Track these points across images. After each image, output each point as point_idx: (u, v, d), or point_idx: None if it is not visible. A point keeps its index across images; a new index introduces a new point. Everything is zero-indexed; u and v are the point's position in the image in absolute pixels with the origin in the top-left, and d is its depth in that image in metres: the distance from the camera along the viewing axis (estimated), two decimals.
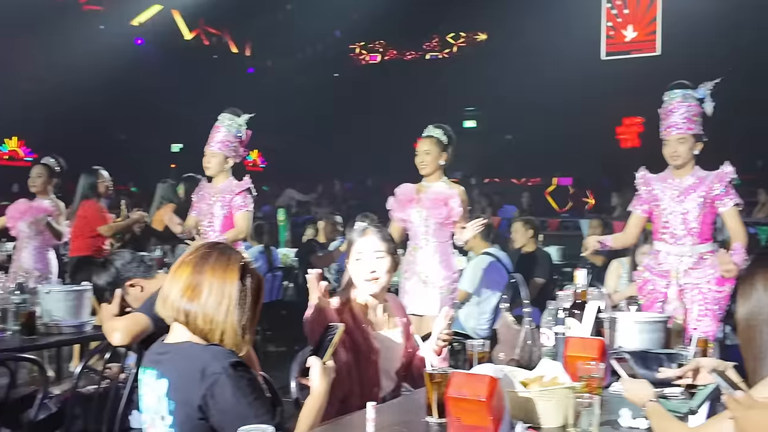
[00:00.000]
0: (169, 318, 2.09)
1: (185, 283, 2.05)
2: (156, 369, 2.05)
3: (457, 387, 2.00)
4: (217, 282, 2.04)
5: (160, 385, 2.01)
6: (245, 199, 5.07)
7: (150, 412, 2.07)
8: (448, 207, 4.66)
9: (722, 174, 4.07)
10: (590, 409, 1.90)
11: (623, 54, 15.22)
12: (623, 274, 5.63)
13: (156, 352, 2.10)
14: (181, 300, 2.04)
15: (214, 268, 2.05)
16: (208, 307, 2.02)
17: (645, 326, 2.87)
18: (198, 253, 2.10)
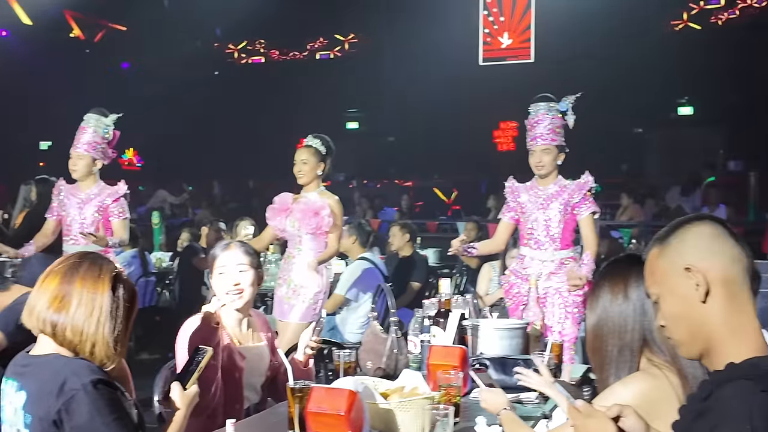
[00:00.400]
0: (35, 329, 2.01)
1: (53, 294, 1.97)
2: (17, 380, 1.98)
3: (317, 401, 2.03)
4: (88, 293, 1.97)
5: (19, 398, 1.95)
6: (122, 206, 4.96)
7: (8, 424, 2.01)
8: (319, 217, 4.70)
9: (582, 183, 4.29)
10: (445, 420, 1.97)
11: (499, 60, 15.72)
12: (494, 278, 5.83)
13: (19, 364, 2.02)
14: (48, 311, 1.97)
15: (84, 278, 1.99)
16: (77, 318, 1.96)
17: (505, 333, 2.98)
18: (68, 262, 2.03)
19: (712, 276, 1.50)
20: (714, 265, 1.51)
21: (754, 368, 1.42)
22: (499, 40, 15.72)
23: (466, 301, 3.20)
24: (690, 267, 1.51)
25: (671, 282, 1.55)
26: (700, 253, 1.52)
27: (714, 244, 1.53)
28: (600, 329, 2.02)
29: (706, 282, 1.50)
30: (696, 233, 1.55)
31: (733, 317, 1.49)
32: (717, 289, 1.50)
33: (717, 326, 1.50)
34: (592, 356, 2.05)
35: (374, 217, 10.90)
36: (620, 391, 1.90)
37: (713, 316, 1.50)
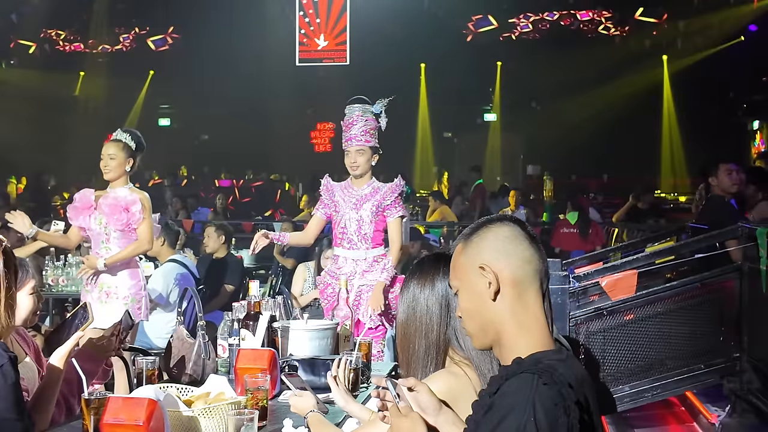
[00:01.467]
0: None
1: None
2: None
3: (113, 413, 1.93)
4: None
5: None
6: None
7: None
8: (130, 213, 4.48)
9: (394, 186, 4.42)
10: (251, 425, 1.94)
11: (315, 61, 15.81)
12: (308, 278, 5.84)
13: None
14: None
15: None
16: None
17: (315, 333, 2.99)
18: None
19: (503, 276, 1.59)
20: (507, 266, 1.60)
21: (536, 362, 1.52)
22: (315, 42, 15.79)
23: (276, 303, 3.17)
24: (484, 266, 1.60)
25: (468, 278, 1.63)
26: (496, 253, 1.61)
27: (509, 245, 1.62)
28: (408, 327, 2.08)
29: (497, 281, 1.59)
30: (495, 233, 1.63)
31: (520, 315, 1.59)
32: (507, 289, 1.59)
33: (505, 323, 1.60)
34: (401, 353, 2.11)
35: (187, 217, 10.56)
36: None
37: (502, 314, 1.59)
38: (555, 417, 1.44)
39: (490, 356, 1.95)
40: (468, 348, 1.99)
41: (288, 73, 15.71)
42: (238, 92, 15.53)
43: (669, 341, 4.13)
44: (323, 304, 4.37)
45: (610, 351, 4.06)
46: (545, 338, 1.61)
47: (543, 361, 1.53)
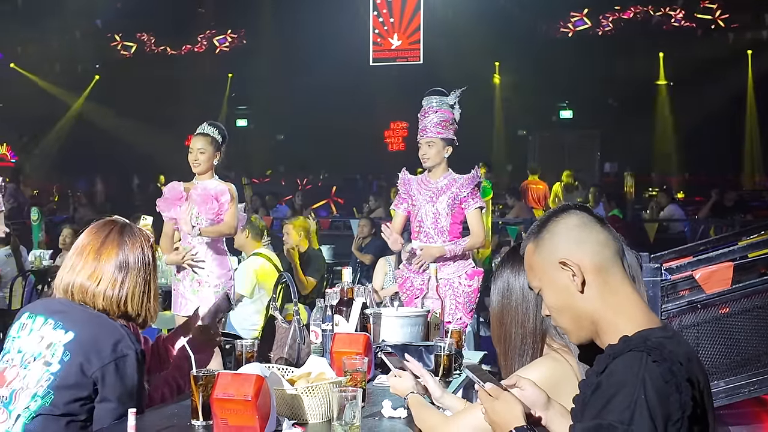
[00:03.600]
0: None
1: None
2: (54, 319, 2.15)
3: (223, 388, 1.98)
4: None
5: (58, 335, 2.12)
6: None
7: (22, 353, 2.14)
8: (219, 203, 4.61)
9: (471, 177, 4.39)
10: (354, 402, 1.96)
11: (389, 61, 15.87)
12: (389, 272, 5.87)
13: (56, 310, 2.18)
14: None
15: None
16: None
17: (406, 321, 3.01)
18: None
19: (585, 265, 1.57)
20: (585, 255, 1.58)
21: (644, 340, 1.49)
22: (389, 41, 15.86)
23: (367, 291, 3.21)
24: (564, 261, 1.58)
25: (548, 275, 1.62)
26: (571, 244, 1.59)
27: (582, 233, 1.60)
28: (503, 317, 2.06)
29: (581, 272, 1.57)
30: (565, 225, 1.62)
31: (611, 300, 1.57)
32: (591, 278, 1.57)
33: (599, 312, 1.58)
34: (497, 344, 2.10)
35: (267, 214, 10.77)
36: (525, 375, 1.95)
37: (593, 303, 1.58)
38: (666, 395, 1.42)
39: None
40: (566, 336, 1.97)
41: (362, 73, 15.83)
42: (313, 92, 15.70)
43: (766, 336, 3.99)
44: (403, 298, 4.38)
45: (705, 345, 3.95)
46: (646, 316, 1.58)
47: (650, 338, 1.50)
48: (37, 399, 2.08)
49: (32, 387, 2.10)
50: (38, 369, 2.11)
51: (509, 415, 1.63)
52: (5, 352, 2.20)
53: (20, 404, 2.09)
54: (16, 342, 2.19)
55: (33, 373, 2.11)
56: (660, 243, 8.26)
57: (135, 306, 2.24)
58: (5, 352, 2.20)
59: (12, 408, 2.10)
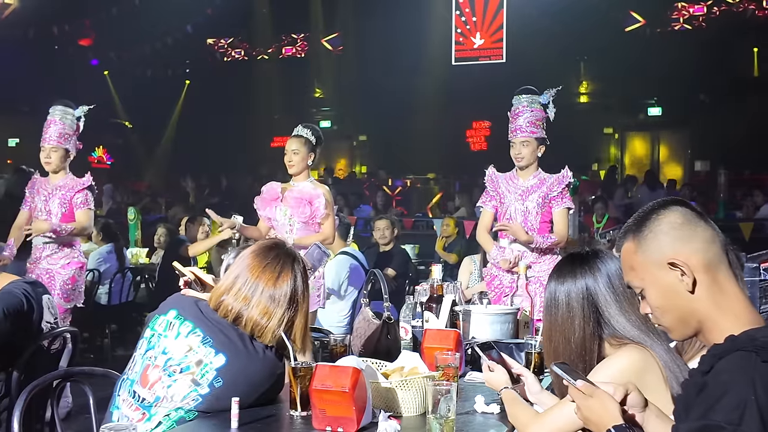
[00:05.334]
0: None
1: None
2: (203, 332, 2.13)
3: (321, 379, 2.04)
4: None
5: (207, 353, 2.10)
6: (86, 196, 4.97)
7: (167, 357, 2.12)
8: (313, 206, 4.70)
9: (561, 177, 4.36)
10: (448, 396, 1.99)
11: (471, 60, 15.80)
12: (474, 271, 5.87)
13: (205, 321, 2.15)
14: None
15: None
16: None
17: (496, 318, 3.02)
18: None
19: (693, 264, 1.54)
20: (694, 253, 1.54)
21: (752, 340, 1.45)
22: (471, 40, 15.79)
23: (456, 288, 3.23)
24: (673, 261, 1.55)
25: (653, 275, 1.58)
26: (678, 243, 1.55)
27: (687, 231, 1.56)
28: (551, 333, 2.08)
29: (691, 272, 1.54)
30: (668, 222, 1.58)
31: (719, 298, 1.54)
32: (701, 276, 1.54)
33: (706, 310, 1.55)
34: (548, 360, 2.11)
35: (350, 214, 10.91)
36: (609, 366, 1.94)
37: (702, 302, 1.54)
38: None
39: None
40: (626, 330, 1.97)
41: (444, 72, 15.82)
42: (395, 93, 15.80)
43: None
44: (491, 296, 4.38)
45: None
46: (752, 315, 1.54)
47: (758, 338, 1.46)
48: (181, 412, 2.09)
49: (177, 401, 2.09)
50: (185, 385, 2.10)
51: (605, 413, 1.61)
52: (149, 347, 2.18)
53: (162, 411, 2.09)
54: (162, 341, 2.17)
55: (179, 388, 2.10)
56: (756, 243, 7.96)
57: (299, 343, 2.23)
58: (149, 346, 2.18)
59: (153, 412, 2.10)
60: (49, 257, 4.94)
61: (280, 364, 2.20)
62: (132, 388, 2.16)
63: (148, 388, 2.13)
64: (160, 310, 2.26)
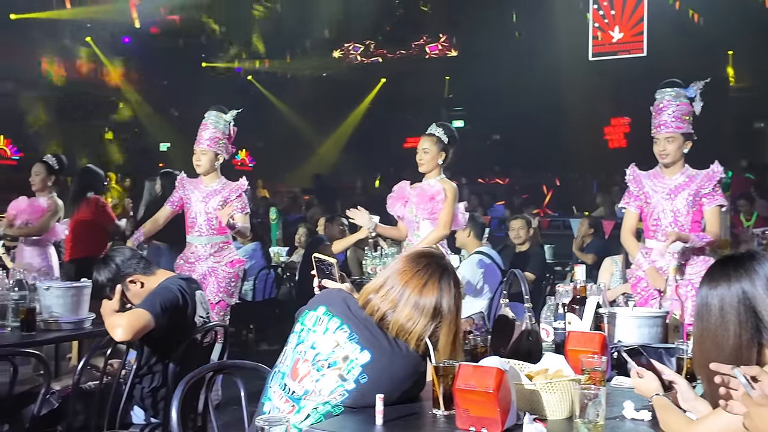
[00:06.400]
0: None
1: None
2: (350, 328, 2.17)
3: (464, 379, 2.03)
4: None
5: (353, 349, 2.15)
6: (244, 200, 5.17)
7: (315, 352, 2.17)
8: (434, 202, 4.72)
9: (712, 173, 4.13)
10: (597, 401, 1.93)
11: (610, 55, 15.29)
12: (616, 272, 5.68)
13: (354, 319, 2.19)
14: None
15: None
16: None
17: (644, 321, 2.90)
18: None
19: None
20: None
21: None
22: (609, 35, 15.27)
23: (600, 289, 3.13)
24: None
25: None
26: None
27: None
28: (703, 342, 1.95)
29: None
30: None
31: None
32: None
33: None
34: (699, 370, 1.99)
35: (484, 214, 10.84)
36: None
37: None
38: None
39: None
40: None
41: (580, 68, 15.41)
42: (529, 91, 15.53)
43: None
44: (636, 299, 4.21)
45: None
46: None
47: None
48: (328, 406, 2.14)
49: (325, 395, 2.14)
50: (332, 380, 2.15)
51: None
52: (299, 341, 2.24)
53: (310, 404, 2.15)
54: (311, 336, 2.22)
55: (327, 382, 2.15)
56: None
57: (442, 355, 2.22)
58: (299, 341, 2.24)
59: (302, 405, 2.16)
60: (213, 256, 5.13)
61: (423, 362, 2.22)
62: (283, 381, 2.23)
63: (297, 381, 2.19)
64: (309, 305, 2.32)
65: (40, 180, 6.00)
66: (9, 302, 3.61)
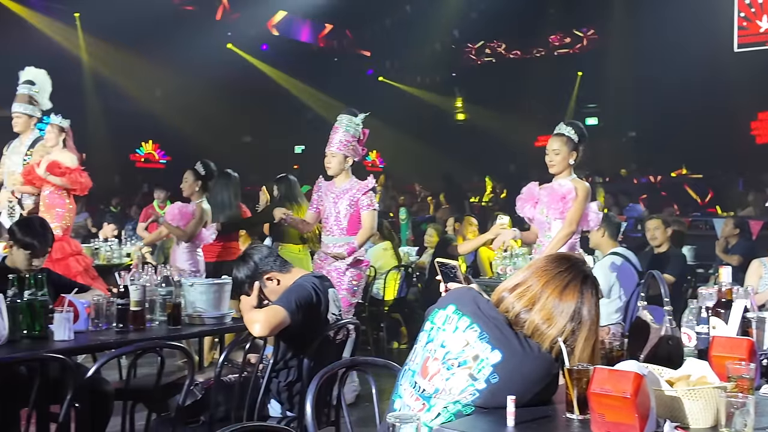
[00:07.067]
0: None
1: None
2: (480, 327, 2.15)
3: (600, 383, 1.97)
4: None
5: (484, 349, 2.12)
6: (371, 198, 5.24)
7: (445, 350, 2.16)
8: (565, 201, 4.60)
9: None
10: (744, 410, 1.82)
11: (757, 45, 14.42)
12: (765, 275, 5.34)
13: (484, 319, 2.17)
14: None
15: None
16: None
17: None
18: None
19: None
20: None
21: None
22: (756, 24, 14.42)
23: (747, 293, 2.95)
24: None
25: None
26: None
27: None
28: None
29: None
30: None
31: None
32: None
33: None
34: None
35: (619, 213, 10.47)
36: None
37: None
38: None
39: None
40: None
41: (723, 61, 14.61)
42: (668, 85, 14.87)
43: None
44: None
45: None
46: None
47: None
48: (459, 405, 2.12)
49: (455, 394, 2.13)
50: (462, 379, 2.13)
51: None
52: (429, 339, 2.23)
53: (440, 403, 2.13)
54: (441, 334, 2.20)
55: (457, 381, 2.13)
56: None
57: (582, 360, 2.17)
58: (429, 339, 2.23)
59: (432, 403, 2.15)
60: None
61: (555, 364, 2.16)
62: (413, 379, 2.24)
63: (428, 379, 2.19)
64: (439, 304, 2.31)
65: (188, 186, 6.32)
66: (157, 298, 3.83)
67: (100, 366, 2.82)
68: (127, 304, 3.55)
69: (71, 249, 5.83)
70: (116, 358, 3.40)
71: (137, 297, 3.59)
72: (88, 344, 3.44)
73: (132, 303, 3.57)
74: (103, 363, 2.83)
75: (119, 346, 3.22)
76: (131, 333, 3.53)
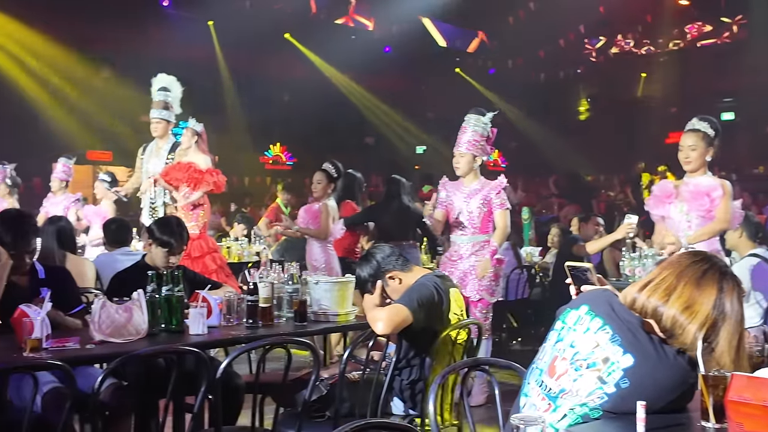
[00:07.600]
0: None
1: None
2: (612, 329, 2.09)
3: (738, 390, 1.87)
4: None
5: (615, 351, 2.06)
6: (503, 197, 5.22)
7: (574, 350, 2.12)
8: (710, 198, 4.40)
9: None
10: None
11: None
12: None
13: (616, 320, 2.10)
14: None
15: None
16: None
17: None
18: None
19: None
20: None
21: None
22: None
23: None
24: None
25: None
26: None
27: None
28: None
29: None
30: None
31: None
32: None
33: None
34: None
35: (759, 212, 9.89)
36: None
37: None
38: None
39: None
40: None
41: None
42: None
43: None
44: None
45: None
46: None
47: None
48: (586, 408, 2.07)
49: (582, 396, 2.08)
50: (591, 381, 2.07)
51: None
52: (558, 339, 2.19)
53: (567, 404, 2.09)
54: (571, 334, 2.16)
55: (585, 383, 2.08)
56: None
57: (724, 360, 2.05)
58: (558, 338, 2.19)
59: (559, 404, 2.11)
60: (475, 254, 5.25)
61: (692, 372, 2.06)
62: (540, 378, 2.20)
63: (555, 379, 2.15)
64: (572, 304, 2.26)
65: (321, 188, 6.43)
66: (284, 295, 3.95)
67: (231, 360, 2.93)
68: (256, 300, 3.68)
69: (208, 247, 6.11)
70: (246, 353, 3.52)
71: (266, 294, 3.71)
72: (221, 338, 3.61)
73: (261, 300, 3.69)
74: (234, 357, 2.94)
75: (249, 341, 3.34)
76: (260, 328, 3.65)
